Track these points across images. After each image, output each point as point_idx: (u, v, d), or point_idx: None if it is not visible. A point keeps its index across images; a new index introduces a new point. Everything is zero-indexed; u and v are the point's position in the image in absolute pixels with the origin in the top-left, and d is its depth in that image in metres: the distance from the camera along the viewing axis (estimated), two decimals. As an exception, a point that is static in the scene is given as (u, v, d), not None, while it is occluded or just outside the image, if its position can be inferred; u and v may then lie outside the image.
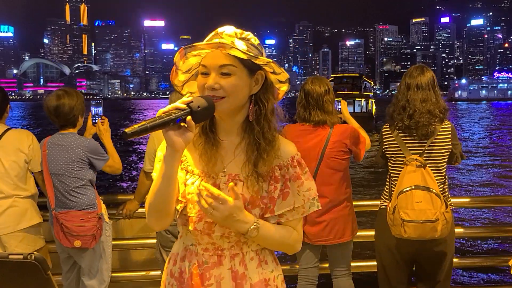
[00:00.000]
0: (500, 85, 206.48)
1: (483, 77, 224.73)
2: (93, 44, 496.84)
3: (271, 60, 1.58)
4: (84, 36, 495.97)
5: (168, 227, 3.36)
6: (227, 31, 1.61)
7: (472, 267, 6.95)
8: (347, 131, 3.41)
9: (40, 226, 3.66)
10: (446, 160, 3.18)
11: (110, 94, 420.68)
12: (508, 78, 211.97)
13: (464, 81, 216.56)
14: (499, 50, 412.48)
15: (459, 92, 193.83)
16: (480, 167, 23.65)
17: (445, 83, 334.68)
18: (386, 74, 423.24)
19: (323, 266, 3.71)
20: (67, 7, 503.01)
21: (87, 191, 3.45)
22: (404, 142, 3.14)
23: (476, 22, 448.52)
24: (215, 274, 1.65)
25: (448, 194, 3.22)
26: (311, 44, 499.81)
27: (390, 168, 3.27)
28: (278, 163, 1.65)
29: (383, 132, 3.29)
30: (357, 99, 46.22)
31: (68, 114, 3.42)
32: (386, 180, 3.32)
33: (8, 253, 2.02)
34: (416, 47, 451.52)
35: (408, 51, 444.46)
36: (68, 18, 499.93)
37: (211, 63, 1.57)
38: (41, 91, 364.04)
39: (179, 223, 1.71)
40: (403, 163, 3.11)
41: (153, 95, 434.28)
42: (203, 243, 1.66)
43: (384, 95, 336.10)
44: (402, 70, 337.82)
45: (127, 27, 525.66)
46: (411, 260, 3.26)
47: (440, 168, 3.14)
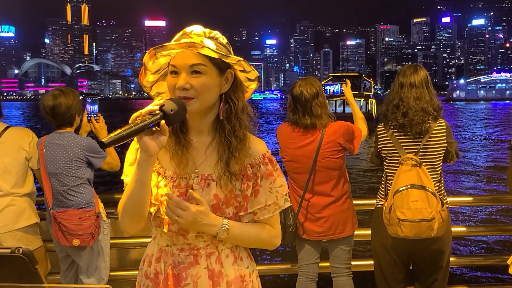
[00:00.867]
0: (499, 85, 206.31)
1: (481, 77, 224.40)
2: (94, 44, 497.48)
3: (241, 58, 1.59)
4: (85, 36, 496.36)
5: None
6: (196, 30, 1.60)
7: (470, 266, 6.94)
8: (340, 129, 3.38)
9: (37, 226, 3.66)
10: (442, 158, 3.17)
11: (111, 94, 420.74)
12: (507, 78, 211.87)
13: (462, 81, 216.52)
14: (500, 50, 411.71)
15: (458, 92, 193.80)
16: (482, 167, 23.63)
17: (446, 83, 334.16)
18: (387, 74, 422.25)
19: (324, 265, 3.70)
20: (68, 7, 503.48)
21: (85, 190, 3.45)
22: (399, 141, 3.14)
23: (477, 22, 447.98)
24: (192, 273, 1.65)
25: (444, 192, 3.22)
26: (312, 44, 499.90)
27: (385, 167, 3.26)
28: (250, 161, 1.66)
29: (378, 132, 3.29)
30: (356, 99, 44.95)
31: (65, 114, 3.42)
32: (382, 179, 3.33)
33: (-5, 246, 1.90)
34: (417, 47, 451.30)
35: (409, 51, 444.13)
36: (69, 18, 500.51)
37: (181, 62, 1.56)
38: (42, 91, 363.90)
39: (153, 225, 1.70)
40: (398, 162, 3.10)
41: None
42: (178, 243, 1.66)
43: (385, 95, 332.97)
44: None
45: (128, 27, 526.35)
46: (408, 259, 3.26)
47: (436, 166, 3.14)
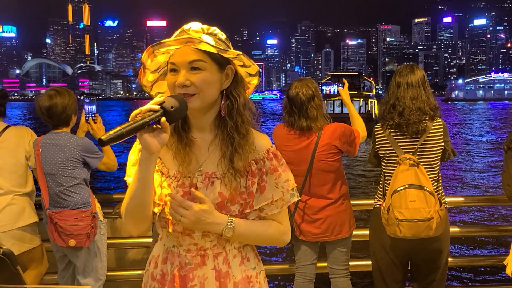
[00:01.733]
0: (497, 85, 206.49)
1: (480, 77, 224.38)
2: (95, 44, 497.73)
3: (240, 52, 1.57)
4: (87, 36, 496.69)
5: None
6: (194, 27, 1.59)
7: (467, 266, 6.90)
8: (336, 132, 3.35)
9: (36, 225, 3.68)
10: (439, 157, 3.17)
11: (113, 94, 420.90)
12: (505, 78, 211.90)
13: (460, 81, 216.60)
14: (502, 50, 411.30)
15: (456, 92, 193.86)
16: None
17: (447, 83, 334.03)
18: (388, 74, 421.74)
19: (322, 265, 3.68)
20: (70, 7, 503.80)
21: (81, 190, 3.44)
22: (396, 141, 3.14)
23: (479, 22, 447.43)
24: (199, 274, 1.63)
25: (442, 191, 3.21)
26: (313, 44, 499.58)
27: (383, 167, 3.26)
28: (254, 157, 1.63)
29: (375, 132, 3.28)
30: (354, 99, 42.85)
31: (61, 114, 3.41)
32: (380, 180, 3.32)
33: (-24, 247, 1.89)
34: (419, 47, 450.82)
35: (410, 51, 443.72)
36: (70, 18, 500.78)
37: (180, 59, 1.55)
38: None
39: (158, 225, 1.68)
40: (396, 162, 3.10)
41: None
42: (185, 244, 1.64)
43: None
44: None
45: (129, 27, 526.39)
46: (406, 259, 3.25)
47: (434, 166, 3.14)
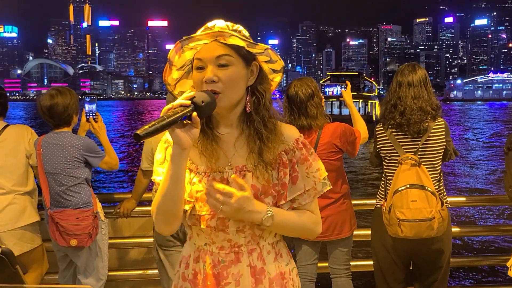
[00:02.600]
0: (496, 85, 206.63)
1: (478, 77, 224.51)
2: (96, 44, 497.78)
3: (268, 46, 1.56)
4: (88, 37, 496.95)
5: None
6: (218, 24, 1.57)
7: (469, 266, 6.93)
8: (336, 131, 3.33)
9: (38, 224, 3.67)
10: (441, 157, 3.15)
11: (114, 94, 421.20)
12: (503, 78, 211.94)
13: (459, 81, 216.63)
14: (503, 50, 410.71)
15: (455, 92, 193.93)
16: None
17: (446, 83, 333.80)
18: (389, 74, 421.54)
19: (323, 265, 3.67)
20: (71, 8, 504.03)
21: (82, 190, 3.43)
22: (398, 140, 3.12)
23: (480, 22, 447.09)
24: (233, 272, 1.61)
25: (444, 191, 3.20)
26: (315, 44, 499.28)
27: (384, 167, 3.25)
28: (284, 148, 1.63)
29: (377, 131, 3.26)
30: (354, 100, 40.41)
31: (63, 114, 3.39)
32: (381, 179, 3.30)
33: (-25, 246, 1.93)
34: (420, 47, 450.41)
35: (411, 51, 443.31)
36: (72, 18, 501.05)
37: (207, 55, 1.54)
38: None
39: (188, 224, 1.66)
40: (397, 162, 3.08)
41: (156, 95, 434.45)
42: (218, 241, 1.63)
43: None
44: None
45: (130, 27, 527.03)
46: (408, 259, 3.24)
47: (435, 165, 3.13)
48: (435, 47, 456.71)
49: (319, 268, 3.59)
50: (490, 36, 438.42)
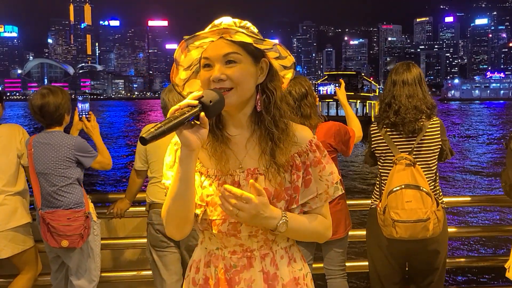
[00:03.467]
0: (493, 84, 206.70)
1: (476, 77, 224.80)
2: (97, 44, 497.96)
3: (277, 42, 1.51)
4: (88, 36, 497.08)
5: (158, 226, 3.40)
6: (225, 21, 1.52)
7: (467, 267, 6.86)
8: (330, 130, 3.30)
9: (29, 225, 3.63)
10: (437, 157, 3.12)
11: (114, 94, 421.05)
12: (501, 78, 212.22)
13: (457, 81, 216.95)
14: (504, 50, 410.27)
15: (452, 92, 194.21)
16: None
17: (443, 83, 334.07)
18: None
19: (318, 266, 3.65)
20: (71, 7, 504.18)
21: (74, 190, 3.39)
22: (392, 140, 3.09)
23: (480, 21, 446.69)
24: (245, 277, 1.57)
25: (439, 192, 3.16)
26: (315, 44, 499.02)
27: (379, 167, 3.22)
28: (297, 150, 1.58)
29: (371, 131, 3.23)
30: (350, 100, 39.37)
31: (54, 113, 3.35)
32: (376, 179, 3.28)
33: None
34: (420, 47, 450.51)
35: (412, 50, 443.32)
36: (72, 18, 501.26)
37: (214, 53, 1.49)
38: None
39: (200, 228, 1.62)
40: (392, 161, 3.05)
41: (157, 95, 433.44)
42: (230, 245, 1.58)
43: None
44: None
45: (130, 27, 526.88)
46: (404, 261, 3.21)
47: (431, 165, 3.09)
48: (436, 46, 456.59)
49: (314, 269, 3.57)
50: (491, 35, 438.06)
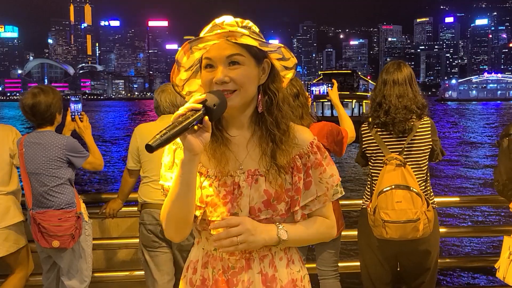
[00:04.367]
0: (490, 85, 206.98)
1: (473, 77, 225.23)
2: (97, 44, 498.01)
3: (282, 45, 1.51)
4: (88, 37, 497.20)
5: (149, 226, 3.41)
6: (227, 20, 1.50)
7: (458, 267, 6.87)
8: (323, 130, 3.28)
9: (22, 225, 3.64)
10: (427, 157, 3.11)
11: (114, 94, 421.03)
12: (498, 78, 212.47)
13: (454, 81, 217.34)
14: (504, 50, 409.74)
15: (450, 92, 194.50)
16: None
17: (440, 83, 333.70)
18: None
19: (310, 266, 3.60)
20: (72, 8, 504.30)
21: (65, 190, 3.38)
22: (383, 140, 3.08)
23: (481, 22, 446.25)
24: (243, 279, 1.55)
25: (430, 192, 3.15)
26: (315, 44, 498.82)
27: (370, 167, 3.21)
28: (298, 151, 1.57)
29: (362, 131, 3.22)
30: (346, 100, 37.88)
31: (45, 113, 3.34)
32: (368, 180, 3.27)
33: None
34: (420, 47, 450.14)
35: (412, 51, 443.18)
36: (72, 18, 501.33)
37: (216, 54, 1.46)
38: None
39: (198, 228, 1.60)
40: (382, 162, 3.05)
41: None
42: None
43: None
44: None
45: (131, 27, 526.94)
46: (395, 261, 3.20)
47: (421, 165, 3.08)
48: (436, 47, 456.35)
49: (306, 269, 3.65)
50: (491, 36, 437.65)
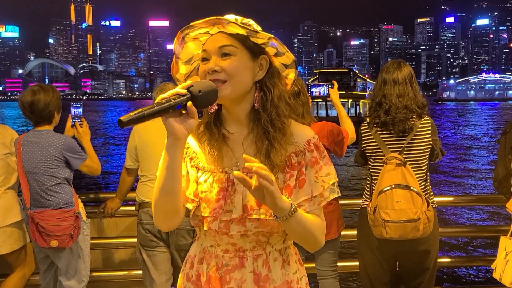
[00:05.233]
0: (488, 85, 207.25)
1: (471, 77, 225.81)
2: (98, 44, 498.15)
3: (272, 35, 1.49)
4: (89, 36, 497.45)
5: (147, 226, 3.41)
6: (227, 17, 1.51)
7: (456, 267, 6.95)
8: (323, 130, 3.28)
9: (23, 223, 3.65)
10: (427, 156, 3.10)
11: (115, 94, 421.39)
12: (496, 78, 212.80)
13: (452, 81, 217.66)
14: (505, 50, 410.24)
15: (448, 92, 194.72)
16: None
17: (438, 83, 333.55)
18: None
19: (309, 266, 3.61)
20: (72, 7, 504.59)
21: (63, 190, 3.37)
22: (383, 139, 3.07)
23: (482, 22, 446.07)
24: (236, 277, 1.55)
25: (430, 192, 3.15)
26: (316, 44, 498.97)
27: (370, 167, 3.20)
28: (294, 149, 1.53)
29: (362, 130, 3.21)
30: (342, 100, 29.93)
31: (43, 110, 3.34)
32: (367, 179, 3.26)
33: None
34: (421, 47, 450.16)
35: (413, 51, 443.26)
36: (73, 18, 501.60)
37: (210, 46, 1.50)
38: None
39: (194, 224, 1.62)
40: (382, 161, 3.04)
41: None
42: (222, 244, 1.56)
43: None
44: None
45: (132, 27, 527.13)
46: (394, 261, 3.20)
47: (421, 165, 3.07)
48: (436, 47, 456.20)
49: (305, 269, 3.65)
50: (492, 36, 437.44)
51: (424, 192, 3.00)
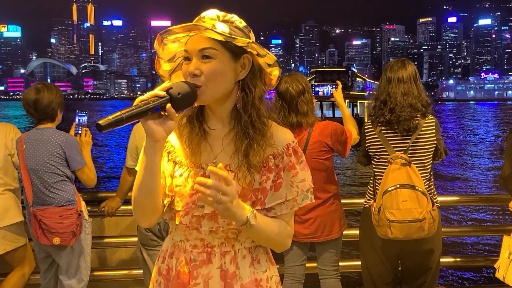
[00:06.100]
0: (488, 85, 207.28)
1: (471, 77, 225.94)
2: (100, 44, 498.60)
3: (251, 40, 1.48)
4: (91, 36, 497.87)
5: None
6: (209, 14, 1.51)
7: (459, 267, 6.94)
8: (327, 129, 3.26)
9: (22, 224, 3.65)
10: (431, 156, 3.08)
11: (117, 94, 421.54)
12: (495, 78, 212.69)
13: (451, 81, 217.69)
14: (507, 50, 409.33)
15: (447, 92, 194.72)
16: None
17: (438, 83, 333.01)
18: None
19: (311, 265, 3.63)
20: (74, 7, 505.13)
21: (66, 187, 3.38)
22: (387, 138, 3.04)
23: (484, 22, 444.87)
24: (203, 272, 1.55)
25: (434, 191, 3.13)
26: (318, 44, 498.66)
27: (373, 166, 3.17)
28: (272, 152, 1.54)
29: (365, 129, 3.18)
30: None
31: (47, 108, 3.37)
32: (370, 179, 3.24)
33: None
34: (423, 47, 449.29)
35: (415, 51, 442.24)
36: (75, 18, 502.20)
37: (191, 47, 1.49)
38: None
39: (168, 217, 1.61)
40: (387, 161, 3.01)
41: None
42: (191, 239, 1.57)
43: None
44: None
45: (133, 27, 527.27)
46: (397, 260, 3.19)
47: (426, 164, 3.05)
48: (439, 47, 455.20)
49: (307, 268, 3.55)
50: (494, 36, 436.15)
51: (429, 191, 2.99)
